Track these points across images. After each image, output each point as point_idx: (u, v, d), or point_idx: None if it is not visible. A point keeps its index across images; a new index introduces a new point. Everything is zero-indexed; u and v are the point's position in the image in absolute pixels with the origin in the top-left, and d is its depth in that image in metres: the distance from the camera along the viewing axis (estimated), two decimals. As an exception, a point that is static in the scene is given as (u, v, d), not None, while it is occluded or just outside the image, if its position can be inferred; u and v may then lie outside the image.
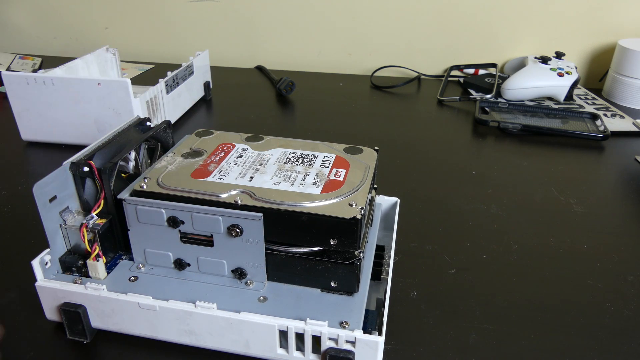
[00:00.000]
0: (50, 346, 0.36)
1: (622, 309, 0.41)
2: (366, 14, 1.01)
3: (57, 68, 0.69)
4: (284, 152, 0.41)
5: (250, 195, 0.34)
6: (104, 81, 0.62)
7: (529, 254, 0.47)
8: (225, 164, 0.38)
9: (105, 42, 0.85)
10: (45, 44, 1.13)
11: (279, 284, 0.36)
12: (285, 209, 0.33)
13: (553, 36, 0.98)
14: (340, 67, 1.06)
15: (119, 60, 0.84)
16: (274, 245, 0.34)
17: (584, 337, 0.38)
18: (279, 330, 0.32)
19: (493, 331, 0.38)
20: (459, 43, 1.01)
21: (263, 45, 1.08)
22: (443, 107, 0.86)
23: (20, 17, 1.12)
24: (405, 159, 0.66)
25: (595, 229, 0.52)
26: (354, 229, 0.32)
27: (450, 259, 0.46)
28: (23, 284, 0.41)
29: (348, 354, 0.31)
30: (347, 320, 0.32)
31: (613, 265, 0.46)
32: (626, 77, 0.87)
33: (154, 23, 1.09)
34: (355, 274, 0.34)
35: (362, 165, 0.39)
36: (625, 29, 0.95)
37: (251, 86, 0.95)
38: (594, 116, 0.79)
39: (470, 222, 0.52)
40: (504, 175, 0.62)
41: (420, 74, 1.00)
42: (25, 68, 0.94)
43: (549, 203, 0.56)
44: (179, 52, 1.08)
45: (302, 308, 0.33)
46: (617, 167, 0.65)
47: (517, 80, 0.85)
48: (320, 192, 0.35)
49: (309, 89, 0.92)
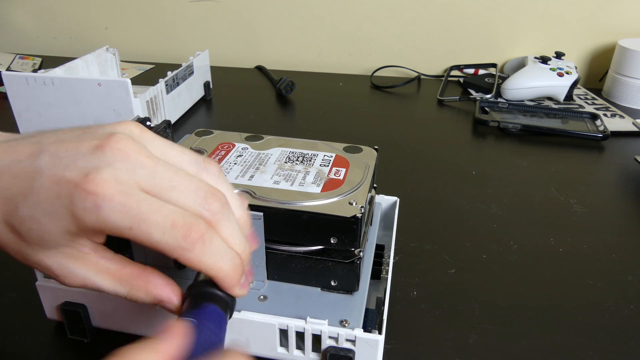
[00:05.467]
0: (50, 346, 0.36)
1: (622, 309, 0.41)
2: (366, 14, 1.01)
3: (57, 68, 0.69)
4: (284, 152, 0.41)
5: (250, 195, 0.34)
6: (104, 81, 0.62)
7: (529, 254, 0.47)
8: (226, 164, 0.38)
9: (105, 42, 0.85)
10: (45, 44, 1.13)
11: (279, 282, 0.36)
12: (285, 207, 0.33)
13: (553, 36, 0.98)
14: (340, 67, 1.06)
15: (119, 60, 0.84)
16: (274, 244, 0.34)
17: (584, 337, 0.38)
18: (279, 329, 0.32)
19: (493, 331, 0.38)
20: (459, 43, 1.02)
21: (263, 45, 1.08)
22: (443, 107, 0.86)
23: (20, 17, 1.12)
24: (405, 159, 0.66)
25: (595, 229, 0.52)
26: (354, 227, 0.32)
27: (450, 259, 0.46)
28: (23, 284, 0.41)
29: (348, 353, 0.31)
30: (347, 319, 0.32)
31: (613, 265, 0.46)
32: (626, 77, 0.87)
33: (154, 23, 1.09)
34: (355, 273, 0.34)
35: (362, 164, 0.39)
36: (625, 29, 0.95)
37: (251, 86, 0.95)
38: (594, 116, 0.79)
39: (470, 222, 0.52)
40: (504, 175, 0.62)
41: (420, 74, 1.00)
42: (25, 68, 0.94)
43: (549, 203, 0.56)
44: (179, 52, 1.08)
45: (302, 307, 0.33)
46: (617, 167, 0.65)
47: (517, 80, 0.85)
48: (320, 191, 0.35)
49: (309, 89, 0.92)
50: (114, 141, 0.23)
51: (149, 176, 0.23)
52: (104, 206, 0.21)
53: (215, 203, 0.24)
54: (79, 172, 0.22)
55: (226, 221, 0.24)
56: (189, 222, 0.22)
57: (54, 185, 0.22)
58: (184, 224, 0.22)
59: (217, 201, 0.24)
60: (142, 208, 0.22)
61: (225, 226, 0.24)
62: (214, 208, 0.24)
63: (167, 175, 0.23)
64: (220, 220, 0.24)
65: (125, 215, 0.22)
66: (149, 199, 0.22)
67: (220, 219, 0.24)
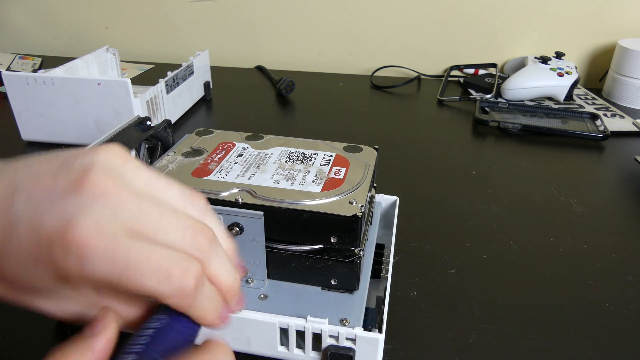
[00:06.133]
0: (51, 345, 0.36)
1: (622, 309, 0.41)
2: (366, 14, 1.01)
3: (57, 68, 0.69)
4: (284, 151, 0.41)
5: (251, 194, 0.34)
6: (104, 81, 0.62)
7: (529, 254, 0.47)
8: (226, 163, 0.39)
9: (105, 42, 0.85)
10: (45, 44, 1.13)
11: (280, 282, 0.36)
12: (285, 207, 0.33)
13: (553, 36, 0.98)
14: (340, 67, 1.06)
15: (119, 60, 0.84)
16: (274, 244, 0.34)
17: (584, 337, 0.38)
18: (279, 327, 0.32)
19: (493, 331, 0.38)
20: (459, 43, 1.02)
21: (263, 45, 1.08)
22: (443, 107, 0.86)
23: (20, 17, 1.12)
24: (405, 159, 0.67)
25: (595, 229, 0.52)
26: (355, 226, 0.32)
27: (450, 259, 0.46)
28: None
29: (348, 351, 0.31)
30: (348, 317, 0.32)
31: (613, 265, 0.46)
32: (626, 77, 0.87)
33: (154, 23, 1.09)
34: (355, 272, 0.34)
35: (362, 163, 0.39)
36: (625, 29, 0.95)
37: (251, 86, 0.95)
38: (594, 116, 0.79)
39: (470, 222, 0.52)
40: (504, 175, 0.62)
41: (420, 74, 1.00)
42: (25, 68, 0.94)
43: (549, 203, 0.56)
44: (179, 52, 1.08)
45: (303, 306, 0.34)
46: (617, 167, 0.65)
47: (517, 80, 0.85)
48: (320, 190, 0.35)
49: (309, 89, 0.92)
50: (91, 179, 0.21)
51: (133, 217, 0.21)
52: (88, 258, 0.20)
53: (204, 241, 0.23)
54: (57, 221, 0.20)
55: (215, 257, 0.24)
56: (184, 268, 0.21)
57: (33, 236, 0.20)
58: (178, 272, 0.21)
59: (206, 239, 0.23)
60: (130, 257, 0.20)
61: (214, 262, 0.23)
62: (203, 246, 0.23)
63: (153, 215, 0.22)
64: (209, 257, 0.23)
65: (112, 265, 0.20)
66: (137, 245, 0.21)
67: (209, 256, 0.23)
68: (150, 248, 0.21)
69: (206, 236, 0.23)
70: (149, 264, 0.21)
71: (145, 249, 0.21)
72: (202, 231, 0.23)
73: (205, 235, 0.23)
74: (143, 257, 0.21)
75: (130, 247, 0.21)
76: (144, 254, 0.21)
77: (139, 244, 0.21)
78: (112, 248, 0.20)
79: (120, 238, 0.20)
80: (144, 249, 0.21)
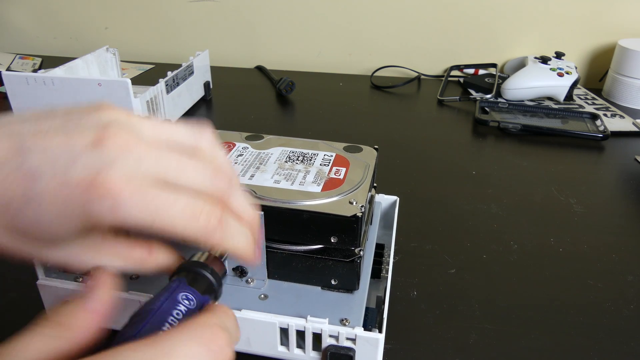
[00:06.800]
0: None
1: (622, 309, 0.41)
2: (366, 14, 1.01)
3: (57, 68, 0.69)
4: (284, 151, 0.41)
5: (251, 194, 0.34)
6: (104, 81, 0.62)
7: (529, 254, 0.47)
8: (226, 163, 0.38)
9: (105, 42, 0.85)
10: (45, 44, 1.13)
11: (280, 282, 0.36)
12: (286, 207, 0.33)
13: (553, 36, 0.98)
14: (340, 67, 1.06)
15: (119, 60, 0.84)
16: (274, 244, 0.34)
17: (584, 337, 0.38)
18: (279, 327, 0.32)
19: (493, 331, 0.38)
20: (459, 43, 1.02)
21: (263, 45, 1.08)
22: (443, 107, 0.86)
23: (20, 17, 1.12)
24: (405, 159, 0.67)
25: (595, 229, 0.52)
26: (355, 226, 0.32)
27: (450, 259, 0.46)
28: (24, 283, 0.41)
29: (349, 351, 0.31)
30: (348, 317, 0.32)
31: (613, 265, 0.46)
32: (626, 77, 0.87)
33: (154, 23, 1.09)
34: (355, 272, 0.34)
35: (362, 163, 0.39)
36: (625, 29, 0.95)
37: (251, 86, 0.95)
38: (594, 116, 0.79)
39: (470, 222, 0.52)
40: (504, 175, 0.62)
41: (420, 74, 1.00)
42: (25, 68, 0.94)
43: (549, 203, 0.56)
44: (179, 52, 1.08)
45: (303, 306, 0.33)
46: (617, 167, 0.65)
47: (517, 80, 0.85)
48: (320, 190, 0.35)
49: (309, 89, 0.92)
50: (112, 135, 0.22)
51: (154, 167, 0.22)
52: (122, 205, 0.21)
53: (223, 179, 0.24)
54: (87, 173, 0.21)
55: (235, 191, 0.25)
56: (207, 210, 0.23)
57: (61, 188, 0.21)
58: (202, 213, 0.23)
59: (224, 176, 0.24)
60: (159, 203, 0.22)
61: (235, 196, 0.25)
62: (223, 185, 0.24)
63: (171, 161, 0.23)
64: (230, 193, 0.25)
65: (145, 211, 0.21)
66: (163, 191, 0.22)
67: (229, 192, 0.25)
68: (175, 194, 0.22)
69: (224, 173, 0.25)
70: (176, 209, 0.22)
71: (171, 196, 0.22)
72: (219, 170, 0.24)
73: (224, 172, 0.25)
74: (170, 202, 0.22)
75: (157, 194, 0.22)
76: (171, 200, 0.22)
77: (164, 191, 0.22)
78: (142, 195, 0.21)
79: (147, 186, 0.22)
80: (170, 196, 0.22)
